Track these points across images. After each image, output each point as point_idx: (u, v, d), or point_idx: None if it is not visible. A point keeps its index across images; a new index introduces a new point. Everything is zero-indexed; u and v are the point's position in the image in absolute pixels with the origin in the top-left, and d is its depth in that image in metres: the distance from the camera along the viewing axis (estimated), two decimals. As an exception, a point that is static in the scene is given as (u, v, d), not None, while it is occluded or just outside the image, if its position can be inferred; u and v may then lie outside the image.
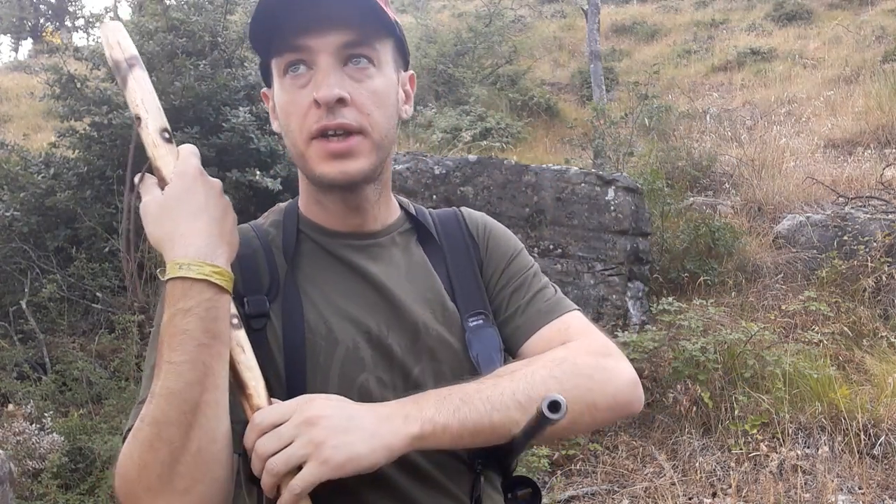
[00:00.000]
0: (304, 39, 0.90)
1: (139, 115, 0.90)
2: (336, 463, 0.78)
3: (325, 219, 1.00)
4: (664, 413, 4.14)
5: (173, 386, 0.78)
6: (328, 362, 0.91)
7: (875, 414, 3.79)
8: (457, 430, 0.85)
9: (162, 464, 0.77)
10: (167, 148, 0.90)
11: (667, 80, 11.93)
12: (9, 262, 5.27)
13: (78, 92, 5.47)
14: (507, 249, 1.09)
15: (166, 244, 0.84)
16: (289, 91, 0.93)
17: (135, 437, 0.79)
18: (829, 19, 13.89)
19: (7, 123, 11.72)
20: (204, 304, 0.80)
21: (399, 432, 0.83)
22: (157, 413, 0.78)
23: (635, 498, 3.53)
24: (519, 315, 1.04)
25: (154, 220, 0.86)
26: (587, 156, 8.16)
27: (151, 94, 0.91)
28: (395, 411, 0.85)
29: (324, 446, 0.78)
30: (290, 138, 0.94)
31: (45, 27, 23.03)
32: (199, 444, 0.78)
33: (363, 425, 0.82)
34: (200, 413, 0.78)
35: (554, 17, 17.67)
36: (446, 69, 10.71)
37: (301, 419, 0.80)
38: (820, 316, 4.74)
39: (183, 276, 0.80)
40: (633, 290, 5.15)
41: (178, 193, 0.86)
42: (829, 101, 9.45)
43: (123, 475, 0.79)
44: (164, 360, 0.79)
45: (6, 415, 3.81)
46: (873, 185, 6.81)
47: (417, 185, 5.23)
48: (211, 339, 0.80)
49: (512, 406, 0.87)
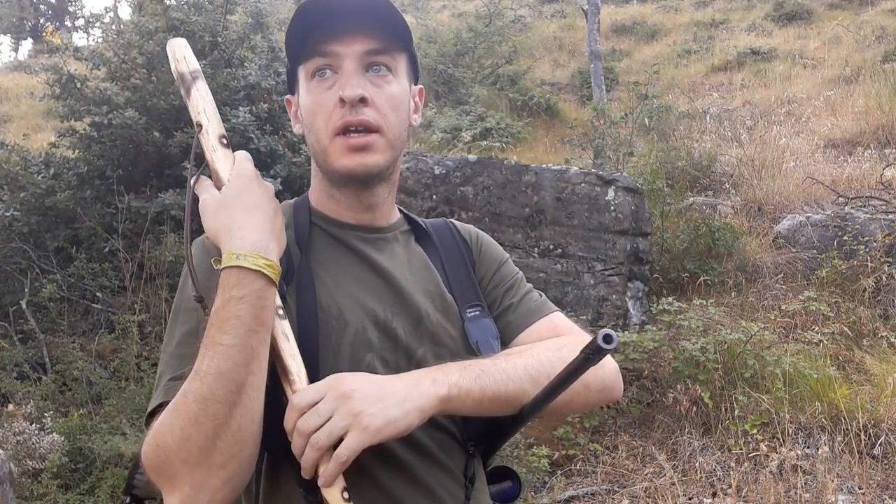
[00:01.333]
0: (332, 46, 1.01)
1: (201, 122, 0.99)
2: (375, 428, 0.85)
3: (337, 212, 1.09)
4: (664, 413, 4.14)
5: (223, 366, 0.83)
6: (339, 341, 0.98)
7: (875, 414, 3.79)
8: (478, 396, 0.94)
9: (206, 437, 0.82)
10: (224, 152, 0.98)
11: (667, 80, 11.93)
12: (9, 262, 5.27)
13: (78, 92, 5.47)
14: (498, 255, 1.22)
15: (224, 236, 0.91)
16: (315, 92, 1.03)
17: (176, 411, 0.83)
18: (829, 19, 13.89)
19: (7, 123, 11.72)
20: (255, 293, 0.86)
21: (429, 394, 0.91)
22: (206, 390, 0.82)
23: (635, 498, 3.53)
24: (511, 312, 1.15)
25: (213, 214, 0.94)
26: (587, 156, 8.16)
27: (212, 104, 1.00)
28: (422, 377, 0.93)
29: (362, 415, 0.85)
30: (314, 135, 1.04)
31: (45, 27, 23.04)
32: (239, 422, 0.83)
33: (394, 392, 0.89)
34: (244, 393, 0.83)
35: (554, 17, 17.67)
36: (446, 69, 10.71)
37: (336, 394, 0.86)
38: (820, 316, 4.74)
39: (239, 265, 0.87)
40: (633, 290, 5.15)
41: (236, 191, 0.94)
42: (829, 101, 9.45)
43: (161, 446, 0.83)
44: (214, 342, 0.84)
45: (6, 415, 3.81)
46: (873, 185, 6.81)
47: (417, 185, 5.23)
48: (259, 325, 0.86)
49: (525, 379, 0.98)
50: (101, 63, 5.74)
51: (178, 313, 0.99)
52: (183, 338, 0.95)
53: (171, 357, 0.95)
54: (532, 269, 5.01)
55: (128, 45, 5.74)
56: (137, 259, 4.87)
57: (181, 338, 0.96)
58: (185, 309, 0.98)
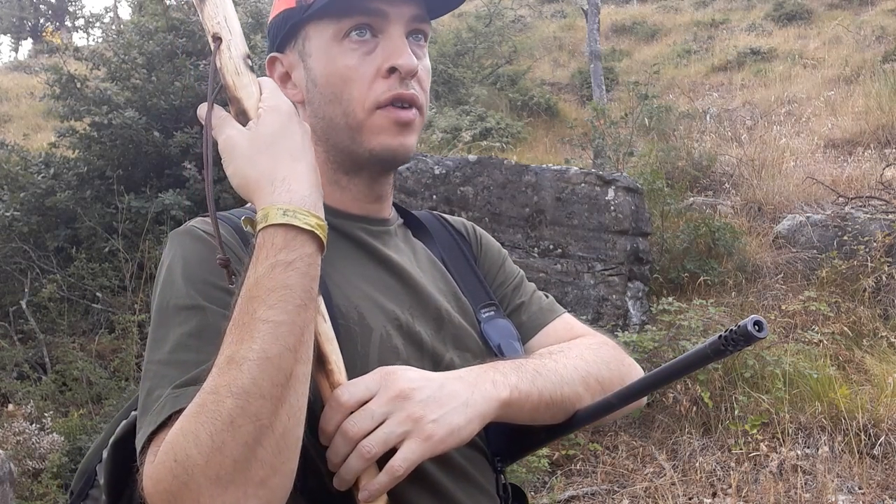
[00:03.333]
0: (379, 4, 0.85)
1: (220, 34, 0.77)
2: (439, 438, 0.74)
3: (340, 201, 0.93)
4: (664, 413, 4.14)
5: (271, 350, 0.65)
6: (366, 349, 0.85)
7: (875, 414, 3.79)
8: (536, 400, 0.84)
9: (244, 445, 0.64)
10: (250, 77, 0.78)
11: (667, 80, 11.93)
12: (9, 262, 5.26)
13: (78, 92, 5.47)
14: (500, 250, 1.12)
15: (263, 186, 0.73)
16: (349, 56, 0.86)
17: (202, 413, 0.65)
18: (829, 19, 13.88)
19: (7, 123, 11.71)
20: (306, 258, 0.70)
21: (490, 397, 0.79)
22: (247, 381, 0.64)
23: (635, 498, 3.53)
24: (523, 312, 1.05)
25: (245, 157, 0.74)
26: (587, 156, 8.16)
27: (234, 15, 0.79)
28: (480, 377, 0.81)
29: (423, 421, 0.73)
30: (340, 106, 0.88)
31: (45, 27, 23.04)
32: (285, 425, 0.66)
33: (455, 394, 0.77)
34: (291, 388, 0.66)
35: (554, 17, 17.67)
36: (446, 69, 10.70)
37: (393, 393, 0.74)
38: (820, 316, 4.74)
39: (289, 223, 0.70)
40: (633, 290, 5.15)
41: (275, 130, 0.75)
42: (829, 101, 9.45)
43: (181, 462, 0.64)
44: (256, 319, 0.66)
45: (6, 415, 3.81)
46: (873, 185, 6.81)
47: (417, 185, 5.23)
48: (310, 300, 0.69)
49: (577, 381, 0.89)
50: (101, 63, 5.74)
51: (169, 313, 0.77)
52: (182, 339, 0.75)
53: (165, 365, 0.74)
54: (532, 269, 5.01)
55: (128, 45, 5.74)
56: (137, 259, 4.87)
57: (179, 339, 0.75)
58: (179, 307, 0.77)
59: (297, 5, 0.88)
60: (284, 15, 0.90)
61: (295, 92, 0.92)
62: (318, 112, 0.90)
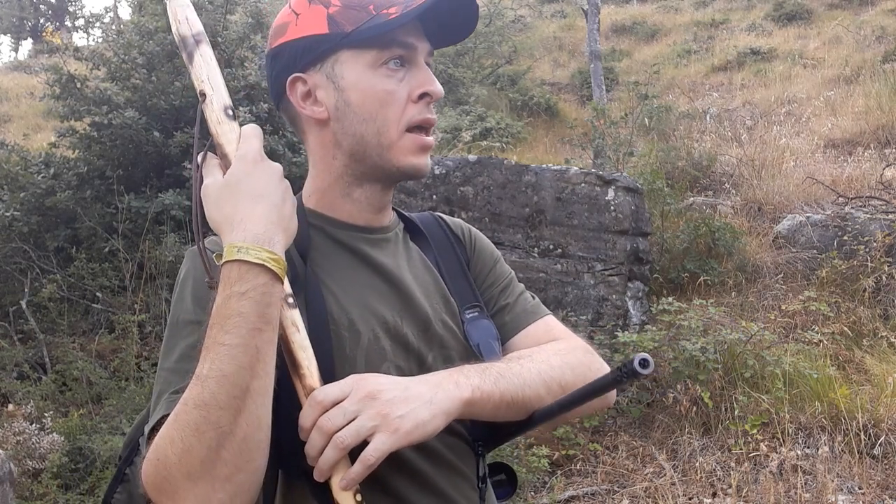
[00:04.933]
0: (413, 39, 0.98)
1: (204, 91, 0.91)
2: (405, 431, 0.83)
3: (348, 213, 1.03)
4: (664, 413, 4.14)
5: (226, 368, 0.76)
6: (354, 352, 0.94)
7: (875, 414, 3.79)
8: (498, 400, 0.92)
9: (208, 448, 0.75)
10: (230, 125, 0.91)
11: (667, 80, 11.94)
12: (9, 262, 5.26)
13: (78, 92, 5.47)
14: (493, 252, 1.19)
15: (225, 227, 0.85)
16: (387, 81, 0.97)
17: (177, 421, 0.77)
18: (829, 19, 13.89)
19: (7, 123, 11.72)
20: (259, 288, 0.80)
21: (453, 397, 0.88)
22: (207, 395, 0.76)
23: (635, 498, 3.53)
24: (507, 312, 1.13)
25: (214, 203, 0.87)
26: (587, 156, 8.16)
27: (216, 71, 0.92)
28: (444, 379, 0.91)
29: (390, 416, 0.82)
30: (373, 125, 0.97)
31: (45, 27, 23.04)
32: (245, 431, 0.77)
33: (420, 394, 0.86)
34: (249, 399, 0.77)
35: (554, 17, 17.68)
36: (446, 69, 10.70)
37: (362, 394, 0.83)
38: (820, 316, 4.74)
39: (241, 258, 0.80)
40: (633, 290, 5.15)
41: (239, 177, 0.87)
42: (829, 101, 9.45)
43: (161, 460, 0.77)
44: (215, 343, 0.78)
45: (6, 415, 3.81)
46: (873, 185, 6.81)
47: (417, 185, 5.23)
48: (264, 324, 0.79)
49: (539, 384, 0.97)
50: (101, 63, 5.74)
51: (178, 326, 0.91)
52: (185, 350, 0.88)
53: (171, 372, 0.88)
54: (532, 269, 5.01)
55: (128, 45, 5.74)
56: (137, 259, 4.87)
57: (183, 350, 0.88)
58: (185, 321, 0.90)
59: (330, 32, 0.97)
60: (313, 40, 0.98)
61: (320, 110, 1.00)
62: (349, 129, 0.99)
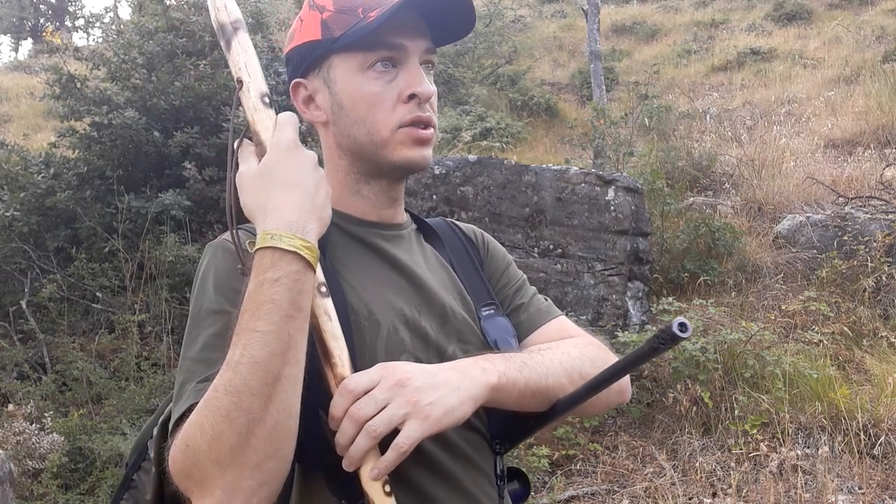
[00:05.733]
0: (401, 40, 0.98)
1: (241, 78, 0.91)
2: (436, 417, 0.84)
3: (359, 209, 1.06)
4: (664, 413, 4.14)
5: (258, 355, 0.77)
6: (374, 343, 0.95)
7: (875, 414, 3.79)
8: (522, 387, 0.94)
9: (238, 434, 0.75)
10: (266, 113, 0.92)
11: (667, 80, 11.93)
12: (9, 262, 5.26)
13: (78, 92, 5.47)
14: (505, 255, 1.22)
15: (259, 215, 0.86)
16: (374, 84, 0.98)
17: (207, 408, 0.77)
18: (829, 19, 13.88)
19: (7, 123, 11.72)
20: (292, 275, 0.80)
21: (480, 382, 0.89)
22: (238, 381, 0.76)
23: (635, 498, 3.53)
24: (522, 312, 1.15)
25: (248, 190, 0.88)
26: (587, 156, 8.15)
27: (254, 59, 0.92)
28: (470, 365, 0.92)
29: (420, 403, 0.83)
30: (365, 126, 0.99)
31: (45, 27, 23.03)
32: (276, 419, 0.77)
33: (448, 380, 0.87)
34: (280, 386, 0.77)
35: (554, 17, 17.67)
36: (446, 69, 10.70)
37: (392, 382, 0.84)
38: (820, 316, 4.74)
39: (274, 245, 0.81)
40: (633, 290, 5.14)
41: (273, 165, 0.87)
42: (829, 101, 9.45)
43: (191, 447, 0.77)
44: (247, 329, 0.78)
45: (6, 415, 3.81)
46: (873, 185, 6.81)
47: (417, 185, 5.23)
48: (296, 311, 0.80)
49: (561, 374, 0.98)
50: (101, 63, 5.74)
51: (201, 316, 0.91)
52: (210, 339, 0.88)
53: (195, 362, 0.88)
54: (532, 269, 5.00)
55: (128, 45, 5.74)
56: (137, 259, 4.87)
57: (208, 339, 0.88)
58: (209, 311, 0.91)
59: (322, 38, 0.99)
60: (310, 45, 1.01)
61: (319, 114, 1.04)
62: (345, 132, 1.02)
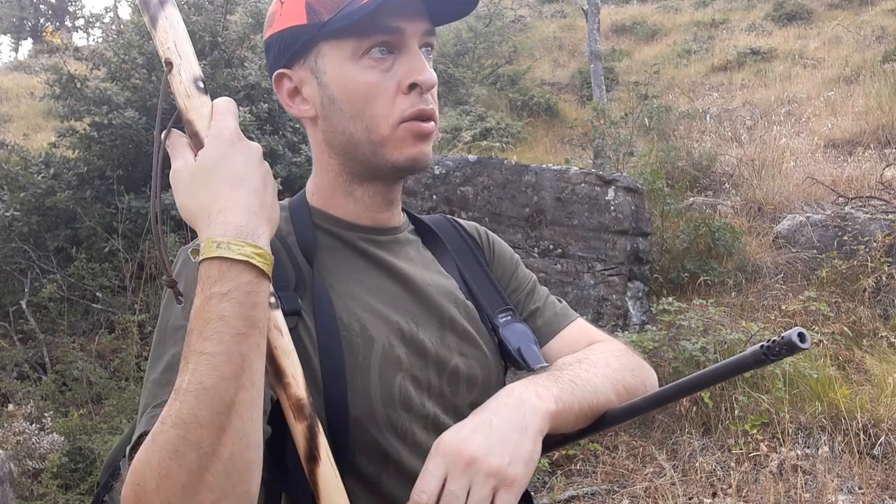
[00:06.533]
0: (399, 22, 0.86)
1: (170, 59, 0.80)
2: (521, 475, 0.75)
3: (352, 212, 0.95)
4: (664, 413, 4.14)
5: (206, 381, 0.67)
6: (367, 361, 0.86)
7: (875, 414, 3.79)
8: (577, 410, 0.85)
9: (188, 472, 0.65)
10: (201, 100, 0.79)
11: (667, 80, 11.93)
12: (9, 262, 5.27)
13: (78, 92, 5.48)
14: (512, 255, 1.13)
15: (201, 219, 0.75)
16: (370, 73, 0.87)
17: (154, 442, 0.67)
18: (829, 19, 13.88)
19: (7, 123, 11.72)
20: (243, 287, 0.70)
21: (539, 412, 0.80)
22: (186, 412, 0.66)
23: (635, 498, 3.53)
24: (539, 317, 1.07)
25: (187, 190, 0.76)
26: (587, 156, 8.15)
27: (185, 38, 0.81)
28: (523, 393, 0.82)
29: (499, 471, 0.74)
30: (362, 122, 0.88)
31: (45, 27, 23.04)
32: (231, 451, 0.67)
33: (510, 426, 0.78)
34: (235, 414, 0.67)
35: (554, 17, 17.67)
36: (446, 69, 10.70)
37: (461, 465, 0.74)
38: (820, 316, 4.74)
39: (221, 255, 0.70)
40: (633, 290, 5.15)
41: (214, 160, 0.76)
42: (829, 101, 9.45)
43: (141, 486, 0.67)
44: (194, 351, 0.68)
45: (6, 415, 3.81)
46: (873, 185, 6.81)
47: (417, 185, 5.23)
48: (250, 327, 0.70)
49: (609, 389, 0.90)
50: (101, 63, 5.74)
51: (167, 332, 0.82)
52: (174, 359, 0.77)
53: (156, 384, 0.79)
54: (532, 269, 4.99)
55: (128, 45, 5.74)
56: (137, 259, 4.87)
57: (171, 360, 0.78)
58: (175, 327, 0.80)
59: (308, 22, 0.87)
60: (293, 31, 0.89)
61: (306, 108, 0.92)
62: (337, 127, 0.90)
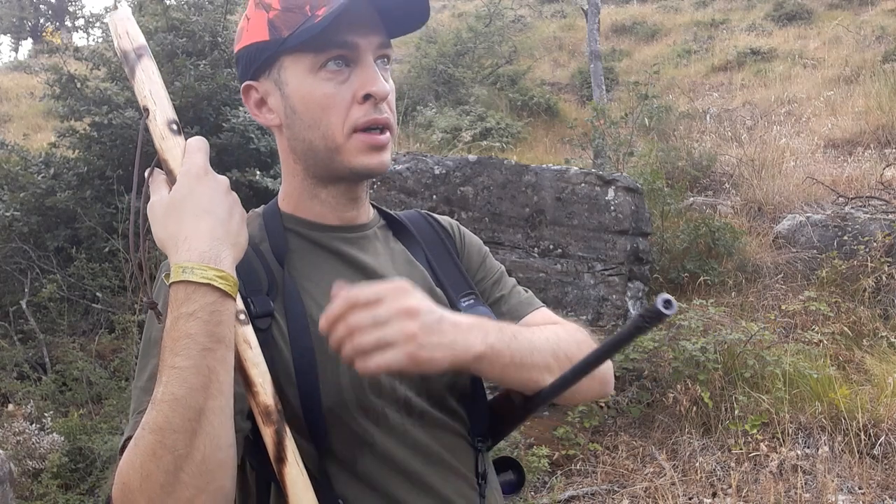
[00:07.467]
0: (353, 37, 0.93)
1: (147, 106, 0.90)
2: (418, 360, 0.81)
3: (319, 213, 1.02)
4: (664, 413, 4.14)
5: (177, 392, 0.76)
6: (336, 354, 0.90)
7: (875, 414, 3.79)
8: (507, 360, 0.90)
9: (165, 472, 0.75)
10: (175, 140, 0.90)
11: (667, 80, 11.93)
12: (9, 262, 5.27)
13: (78, 92, 5.48)
14: (481, 247, 1.19)
15: (171, 246, 0.85)
16: (326, 86, 0.94)
17: (136, 446, 0.77)
18: (829, 19, 13.88)
19: (7, 123, 11.72)
20: (207, 307, 0.79)
21: (470, 348, 0.86)
22: (161, 420, 0.75)
23: (635, 498, 3.53)
24: (504, 303, 1.12)
25: (159, 222, 0.87)
26: (587, 156, 8.16)
27: (160, 85, 0.91)
28: (473, 326, 0.88)
29: (413, 341, 0.81)
30: (319, 131, 0.95)
31: (45, 27, 23.03)
32: (203, 453, 0.76)
33: (446, 331, 0.84)
34: (205, 420, 0.76)
35: (554, 17, 17.67)
36: (446, 69, 10.71)
37: (401, 307, 0.82)
38: (820, 316, 4.74)
39: (186, 279, 0.80)
40: (633, 290, 5.14)
41: (183, 194, 0.86)
42: (829, 101, 9.45)
43: (126, 484, 0.77)
44: (166, 366, 0.77)
45: (6, 415, 3.81)
46: (873, 185, 6.81)
47: (417, 185, 5.23)
48: (215, 343, 0.78)
49: (548, 352, 0.95)
50: (101, 63, 5.74)
51: (148, 345, 0.91)
52: (154, 370, 0.85)
53: (142, 391, 0.88)
54: (532, 269, 5.00)
55: (128, 45, 5.73)
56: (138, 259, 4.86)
57: (152, 370, 0.86)
58: (155, 340, 0.88)
59: (270, 38, 0.95)
60: (258, 46, 0.97)
61: (272, 117, 1.00)
62: (298, 136, 0.98)
